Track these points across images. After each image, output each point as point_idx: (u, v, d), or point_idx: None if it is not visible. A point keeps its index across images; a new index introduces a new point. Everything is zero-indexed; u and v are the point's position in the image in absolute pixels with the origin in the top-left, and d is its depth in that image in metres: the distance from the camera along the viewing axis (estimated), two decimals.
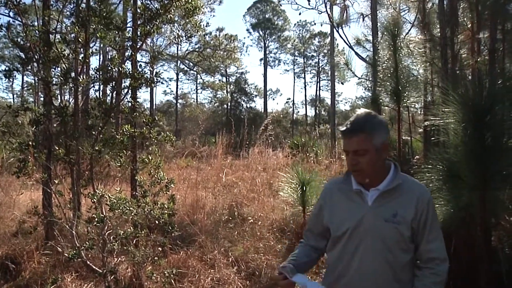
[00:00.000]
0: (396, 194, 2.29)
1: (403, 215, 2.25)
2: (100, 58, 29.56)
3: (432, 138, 5.45)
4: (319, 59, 53.98)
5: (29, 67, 5.55)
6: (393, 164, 2.40)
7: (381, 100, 5.52)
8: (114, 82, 5.40)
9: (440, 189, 3.56)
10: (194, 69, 43.74)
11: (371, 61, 6.79)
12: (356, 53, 7.83)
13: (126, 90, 5.51)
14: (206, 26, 23.06)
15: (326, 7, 10.44)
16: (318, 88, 54.64)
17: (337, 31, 9.49)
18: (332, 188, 2.53)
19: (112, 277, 4.86)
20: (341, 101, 53.96)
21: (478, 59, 5.74)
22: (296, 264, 2.41)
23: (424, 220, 2.28)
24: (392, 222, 2.25)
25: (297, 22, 52.86)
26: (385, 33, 5.89)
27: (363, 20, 9.38)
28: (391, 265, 2.26)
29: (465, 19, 6.36)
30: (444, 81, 5.39)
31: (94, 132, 5.27)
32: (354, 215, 2.33)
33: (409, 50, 6.20)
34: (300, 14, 46.87)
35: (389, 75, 5.21)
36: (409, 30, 7.37)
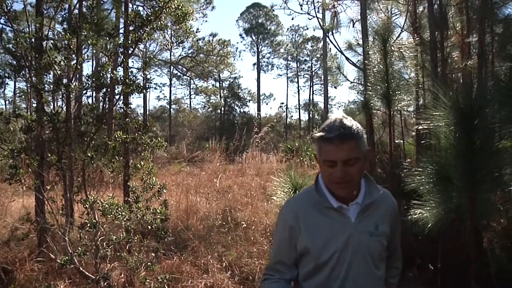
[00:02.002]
0: (374, 206, 2.14)
1: (382, 227, 2.14)
2: (92, 64, 29.51)
3: (423, 142, 5.48)
4: (312, 63, 54.08)
5: (21, 74, 5.55)
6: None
7: (372, 104, 5.54)
8: (106, 89, 5.41)
9: (431, 191, 3.58)
10: (187, 75, 43.80)
11: (362, 65, 6.83)
12: (347, 58, 7.86)
13: (118, 96, 5.53)
14: (197, 32, 23.17)
15: (316, 12, 10.48)
16: (311, 93, 54.73)
17: (328, 37, 9.53)
18: (304, 207, 2.15)
19: (105, 283, 4.84)
20: (334, 105, 53.88)
21: (468, 63, 5.79)
22: None
23: (395, 226, 2.27)
24: (376, 235, 2.10)
25: (290, 27, 53.08)
26: (375, 37, 5.93)
27: (353, 25, 9.43)
28: (380, 281, 2.17)
29: (454, 22, 6.41)
30: (434, 84, 5.43)
31: (86, 139, 5.28)
32: (339, 235, 2.08)
33: (400, 54, 6.25)
34: (292, 19, 47.32)
35: (380, 79, 5.24)
36: (400, 34, 7.41)
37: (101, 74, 5.21)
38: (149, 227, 5.26)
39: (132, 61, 32.98)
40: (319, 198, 2.11)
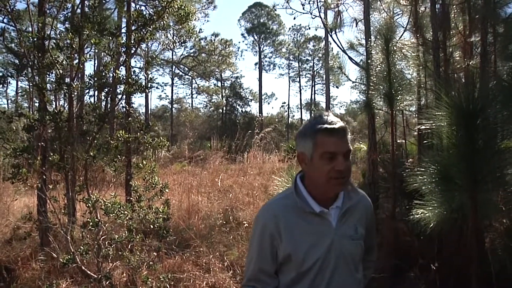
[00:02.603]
0: (353, 209, 2.09)
1: (360, 229, 2.10)
2: (94, 63, 29.57)
3: (425, 141, 5.48)
4: (314, 63, 54.03)
5: (24, 73, 5.57)
6: None
7: (374, 104, 5.55)
8: (108, 88, 5.42)
9: (433, 191, 3.57)
10: (189, 74, 43.84)
11: (364, 65, 6.83)
12: (349, 57, 7.85)
13: (120, 96, 5.53)
14: (199, 32, 23.10)
15: (319, 12, 10.46)
16: (313, 92, 54.70)
17: (331, 36, 9.52)
18: (284, 213, 2.03)
19: (107, 282, 4.85)
20: (336, 104, 53.89)
21: (470, 62, 5.78)
22: None
23: (371, 226, 2.26)
24: (356, 239, 2.06)
25: (292, 26, 53.00)
26: (378, 37, 5.93)
27: (356, 25, 9.42)
28: (360, 284, 2.12)
29: (457, 22, 6.41)
30: (436, 84, 5.43)
31: (88, 138, 5.29)
32: (322, 242, 2.00)
33: (402, 54, 6.24)
34: (294, 18, 47.13)
35: (382, 78, 5.24)
36: (402, 34, 7.41)
37: (103, 74, 5.22)
38: (151, 226, 5.27)
39: (135, 61, 33.09)
40: (299, 202, 2.02)
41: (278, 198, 2.17)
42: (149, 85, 5.45)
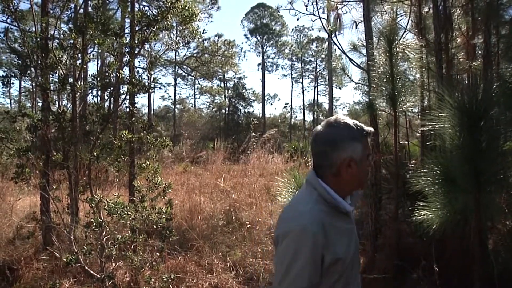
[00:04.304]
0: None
1: None
2: (98, 63, 29.58)
3: (429, 143, 5.48)
4: (316, 64, 54.01)
5: (27, 73, 5.58)
6: None
7: (377, 105, 5.54)
8: (112, 88, 5.43)
9: (436, 193, 3.57)
10: (192, 75, 43.83)
11: (366, 67, 6.83)
12: (350, 59, 7.84)
13: (124, 96, 5.54)
14: (203, 32, 23.12)
15: (319, 14, 10.43)
16: (316, 93, 54.62)
17: (331, 38, 9.51)
18: (325, 218, 1.95)
19: (110, 282, 4.86)
20: (338, 105, 53.76)
21: (473, 64, 5.78)
22: None
23: None
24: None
25: (295, 27, 52.97)
26: (381, 38, 5.92)
27: (356, 27, 9.43)
28: None
29: (460, 24, 6.40)
30: (439, 85, 5.42)
31: (92, 138, 5.30)
32: (352, 240, 2.04)
33: (404, 55, 6.24)
34: (298, 19, 47.01)
35: (385, 80, 5.24)
36: (404, 35, 7.40)
37: (107, 74, 5.23)
38: (154, 227, 5.28)
39: (138, 61, 33.04)
40: (338, 205, 1.99)
41: (311, 204, 2.01)
42: (152, 85, 5.45)
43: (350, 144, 1.98)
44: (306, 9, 12.46)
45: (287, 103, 58.44)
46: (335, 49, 35.32)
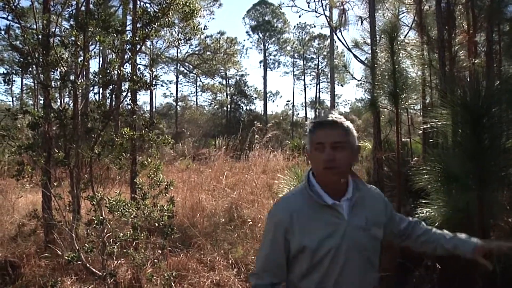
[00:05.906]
0: (363, 200, 2.17)
1: (373, 218, 2.17)
2: (99, 61, 29.56)
3: (431, 140, 5.46)
4: (318, 61, 53.87)
5: (28, 71, 5.56)
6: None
7: (379, 103, 5.53)
8: (113, 85, 5.42)
9: (438, 190, 3.57)
10: (194, 72, 43.79)
11: (370, 63, 6.82)
12: (355, 56, 7.85)
13: (125, 93, 5.53)
14: (204, 29, 23.07)
15: (324, 10, 10.43)
16: (317, 90, 54.54)
17: (336, 34, 9.50)
18: (296, 206, 2.13)
19: (111, 280, 4.86)
20: (340, 103, 53.82)
21: (475, 61, 5.76)
22: None
23: (392, 212, 2.38)
24: (367, 230, 2.13)
25: (297, 24, 52.77)
26: (383, 35, 5.91)
27: (361, 23, 9.40)
28: (374, 276, 2.21)
29: (462, 21, 6.38)
30: (441, 83, 5.41)
31: (93, 135, 5.29)
32: (335, 233, 2.08)
33: (407, 53, 6.22)
34: (300, 16, 47.04)
35: (387, 77, 5.22)
36: (407, 33, 7.39)
37: (108, 71, 5.21)
38: (156, 224, 5.27)
39: (140, 58, 33.06)
40: (313, 195, 2.12)
41: (291, 193, 2.30)
42: (154, 83, 5.44)
43: (306, 136, 2.21)
44: (308, 6, 12.44)
45: (288, 100, 58.62)
46: (337, 46, 35.39)
